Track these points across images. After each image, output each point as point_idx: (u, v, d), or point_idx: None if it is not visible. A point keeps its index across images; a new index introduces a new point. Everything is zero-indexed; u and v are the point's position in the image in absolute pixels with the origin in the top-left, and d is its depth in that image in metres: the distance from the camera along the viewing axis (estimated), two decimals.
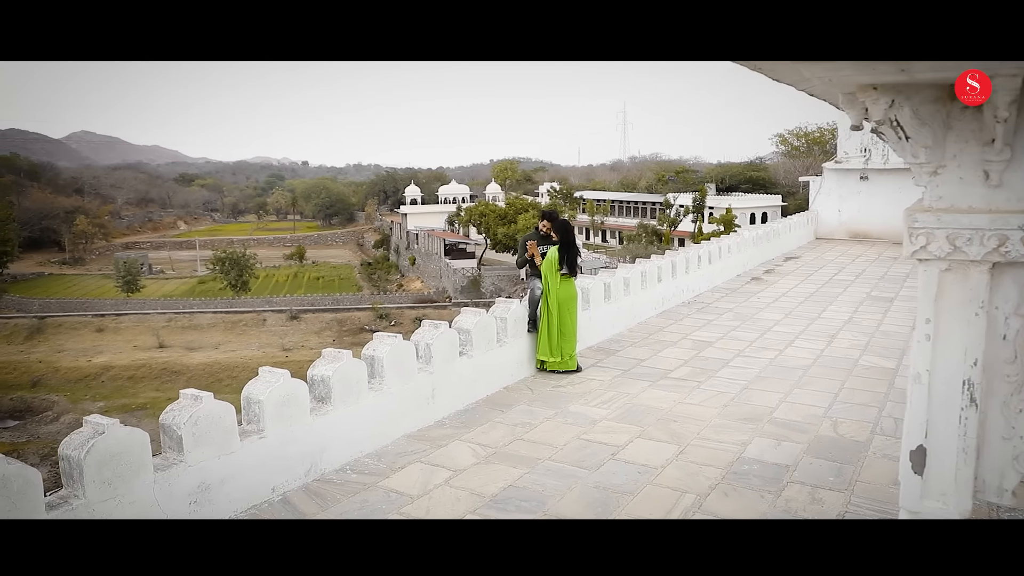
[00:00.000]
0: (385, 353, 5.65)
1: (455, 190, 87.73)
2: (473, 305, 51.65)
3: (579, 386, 7.16)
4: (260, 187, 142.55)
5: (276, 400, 4.75)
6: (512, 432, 5.95)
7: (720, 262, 13.50)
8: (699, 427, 6.04)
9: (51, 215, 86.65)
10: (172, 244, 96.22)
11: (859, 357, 8.29)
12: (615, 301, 9.35)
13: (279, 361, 50.61)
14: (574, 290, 7.55)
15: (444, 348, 6.25)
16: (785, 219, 19.57)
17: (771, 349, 8.67)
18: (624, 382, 7.31)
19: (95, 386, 48.68)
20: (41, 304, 61.00)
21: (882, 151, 21.03)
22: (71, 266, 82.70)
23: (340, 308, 57.04)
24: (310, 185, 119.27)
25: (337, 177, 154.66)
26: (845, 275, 14.56)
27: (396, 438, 5.75)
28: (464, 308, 6.93)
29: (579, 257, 7.52)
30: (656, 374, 7.60)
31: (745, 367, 7.88)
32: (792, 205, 59.66)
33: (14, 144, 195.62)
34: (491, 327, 6.89)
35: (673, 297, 11.31)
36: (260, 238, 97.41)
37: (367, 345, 5.76)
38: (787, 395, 6.90)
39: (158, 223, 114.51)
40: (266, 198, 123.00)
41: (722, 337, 9.30)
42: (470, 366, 6.59)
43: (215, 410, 4.35)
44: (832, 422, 6.15)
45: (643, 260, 10.54)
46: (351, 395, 5.32)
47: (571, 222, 8.86)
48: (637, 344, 8.91)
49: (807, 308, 11.20)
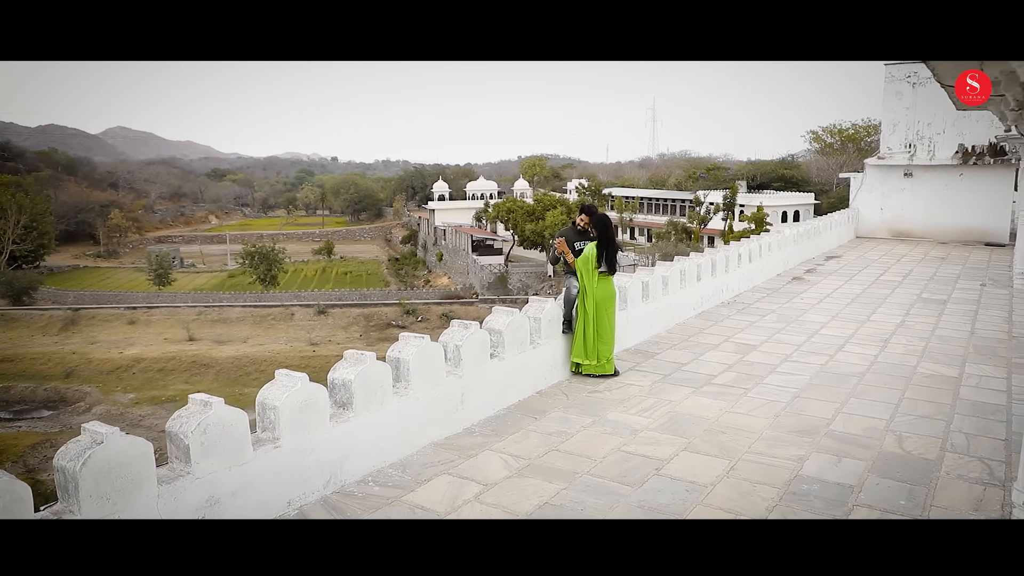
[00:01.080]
0: (411, 355, 5.26)
1: (483, 186, 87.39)
2: (499, 302, 51.40)
3: (617, 391, 6.71)
4: (290, 182, 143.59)
5: (293, 406, 4.39)
6: (546, 442, 5.53)
7: (760, 260, 12.92)
8: (750, 439, 5.56)
9: (87, 209, 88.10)
10: (203, 238, 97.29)
11: (917, 364, 7.72)
12: (653, 301, 8.87)
13: (306, 355, 50.79)
14: (612, 289, 7.09)
15: (474, 350, 5.85)
16: (826, 217, 18.86)
17: (820, 354, 8.12)
18: (665, 388, 6.84)
19: (126, 378, 49.26)
20: (76, 296, 62.04)
21: (928, 147, 20.20)
22: (105, 259, 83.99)
23: (367, 303, 57.06)
24: (339, 181, 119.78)
25: (366, 173, 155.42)
26: (891, 276, 13.88)
27: (422, 447, 5.36)
28: (495, 307, 6.52)
29: (619, 253, 7.07)
30: (699, 379, 7.11)
31: (794, 373, 7.36)
32: (825, 203, 58.47)
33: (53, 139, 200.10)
34: (524, 328, 6.47)
35: (712, 297, 10.79)
36: (289, 233, 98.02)
37: (392, 346, 5.37)
38: (843, 405, 6.37)
39: (190, 217, 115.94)
40: (295, 193, 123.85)
41: (767, 340, 8.77)
42: (501, 369, 6.18)
43: (226, 417, 3.99)
44: (896, 437, 5.62)
45: (681, 258, 10.04)
46: (375, 400, 4.94)
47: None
48: (676, 347, 8.42)
49: (855, 310, 10.60)
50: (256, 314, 57.25)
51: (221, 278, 71.62)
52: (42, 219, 72.35)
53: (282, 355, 51.11)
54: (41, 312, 58.06)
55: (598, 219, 7.01)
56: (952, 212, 19.95)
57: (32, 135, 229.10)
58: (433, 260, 72.48)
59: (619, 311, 7.71)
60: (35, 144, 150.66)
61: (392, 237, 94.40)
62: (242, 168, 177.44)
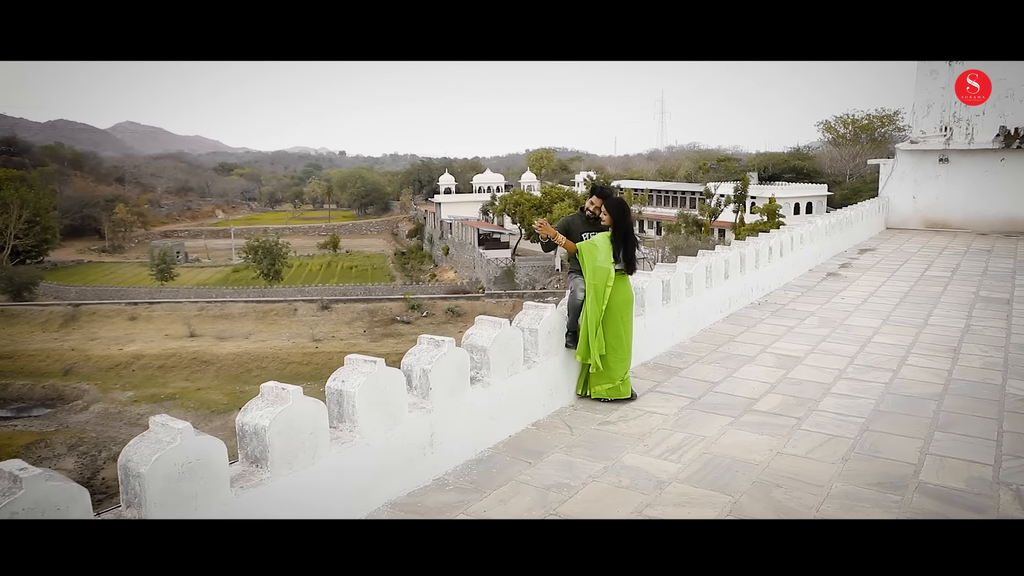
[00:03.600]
0: (357, 387, 3.88)
1: (490, 179, 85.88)
2: (506, 296, 49.78)
3: (635, 422, 5.31)
4: (297, 177, 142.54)
5: (170, 473, 3.01)
6: (542, 500, 4.14)
7: (792, 255, 11.47)
8: (816, 498, 4.15)
9: (92, 203, 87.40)
10: (209, 233, 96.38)
11: (1003, 383, 6.27)
12: (675, 303, 7.46)
13: (308, 352, 49.64)
14: (630, 292, 5.67)
15: (448, 375, 4.46)
16: (856, 206, 17.31)
17: (880, 368, 6.69)
18: (695, 417, 5.43)
19: (126, 375, 48.31)
20: (78, 292, 61.20)
21: (965, 129, 18.59)
22: (110, 254, 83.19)
23: (372, 298, 55.79)
24: (346, 175, 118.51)
25: (374, 167, 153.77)
26: (937, 271, 12.39)
27: (374, 509, 3.99)
28: (480, 318, 5.12)
29: (638, 248, 5.66)
30: (737, 405, 5.70)
31: (854, 395, 5.94)
32: (838, 195, 56.96)
33: (62, 134, 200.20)
34: (516, 343, 5.07)
35: (741, 297, 9.36)
36: (296, 227, 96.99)
37: (333, 375, 3.99)
38: (928, 442, 4.95)
39: (197, 212, 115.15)
40: (303, 187, 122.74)
41: (812, 351, 7.34)
42: (486, 398, 4.79)
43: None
44: (1013, 492, 4.20)
45: (706, 252, 8.61)
46: (302, 452, 3.57)
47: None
48: (704, 359, 7.01)
49: (908, 312, 9.15)
50: (259, 309, 56.14)
51: (225, 273, 70.59)
52: (46, 214, 71.64)
53: (284, 352, 49.99)
54: (41, 308, 57.17)
55: (614, 203, 5.54)
56: (993, 200, 18.35)
57: (41, 130, 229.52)
58: (439, 254, 71.13)
59: (636, 316, 6.30)
60: (44, 139, 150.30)
61: (399, 231, 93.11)
62: (250, 163, 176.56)
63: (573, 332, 5.61)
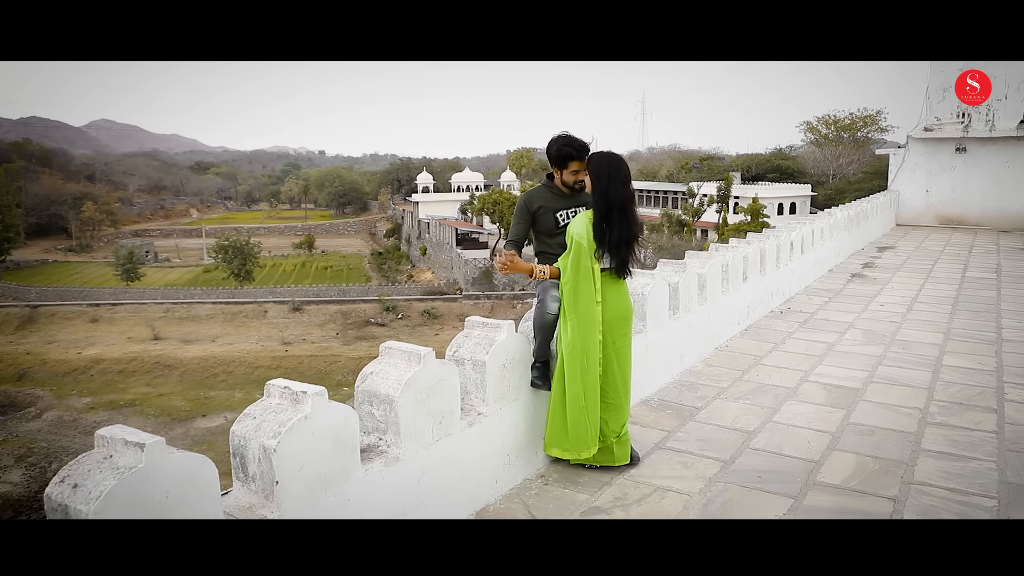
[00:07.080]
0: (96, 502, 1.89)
1: (468, 178, 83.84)
2: (484, 298, 47.76)
3: (639, 508, 3.36)
4: (275, 176, 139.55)
5: None
6: None
7: (813, 252, 9.60)
8: None
9: (59, 201, 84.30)
10: (180, 232, 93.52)
11: None
12: (685, 314, 5.52)
13: (278, 356, 47.33)
14: (628, 303, 3.69)
15: (314, 455, 2.48)
16: (868, 200, 15.50)
17: (975, 407, 4.79)
18: (732, 498, 3.48)
19: (83, 380, 45.77)
20: (38, 292, 58.40)
21: (986, 115, 16.86)
22: (77, 253, 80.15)
23: (345, 300, 53.56)
24: (324, 174, 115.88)
25: (354, 167, 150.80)
26: (977, 271, 10.58)
27: None
28: (389, 347, 3.10)
29: (638, 241, 3.66)
30: (792, 473, 3.76)
31: (959, 454, 4.02)
32: (821, 195, 55.91)
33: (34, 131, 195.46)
34: (446, 387, 3.09)
35: (760, 304, 7.45)
36: (271, 227, 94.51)
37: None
38: None
39: (170, 211, 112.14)
40: (280, 187, 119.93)
41: (870, 379, 5.42)
42: (392, 483, 2.82)
43: None
44: None
45: (722, 247, 6.69)
46: None
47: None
48: (727, 393, 5.07)
49: (969, 324, 7.28)
50: (227, 311, 53.69)
51: (195, 273, 67.94)
52: (8, 212, 68.68)
53: (252, 355, 47.59)
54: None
55: (595, 159, 3.56)
56: (1016, 194, 16.65)
57: (13, 127, 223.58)
58: (416, 254, 69.00)
59: (635, 334, 4.33)
60: (15, 136, 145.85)
61: (376, 231, 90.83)
62: (228, 161, 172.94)
63: (543, 363, 3.64)
